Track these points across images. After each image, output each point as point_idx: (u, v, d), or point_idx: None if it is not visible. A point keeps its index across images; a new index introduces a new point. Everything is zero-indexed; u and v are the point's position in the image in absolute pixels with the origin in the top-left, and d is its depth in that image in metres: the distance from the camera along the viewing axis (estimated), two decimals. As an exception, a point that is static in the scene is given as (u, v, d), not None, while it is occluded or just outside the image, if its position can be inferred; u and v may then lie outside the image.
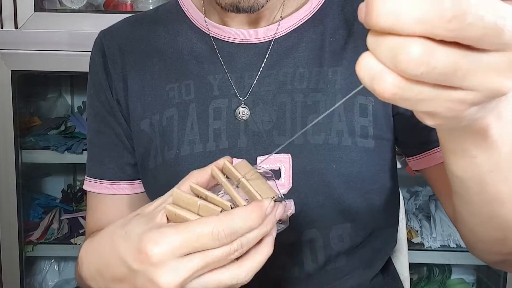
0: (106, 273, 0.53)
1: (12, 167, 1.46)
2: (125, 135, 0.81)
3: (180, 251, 0.47)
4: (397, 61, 0.29)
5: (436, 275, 1.77)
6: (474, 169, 0.46)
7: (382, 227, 0.81)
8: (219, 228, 0.47)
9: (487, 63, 0.30)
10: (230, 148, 0.74)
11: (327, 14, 0.77)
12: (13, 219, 1.48)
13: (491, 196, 0.49)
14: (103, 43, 0.83)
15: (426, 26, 0.28)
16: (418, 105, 0.32)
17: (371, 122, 0.74)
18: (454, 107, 0.32)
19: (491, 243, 0.59)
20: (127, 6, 1.57)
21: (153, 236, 0.47)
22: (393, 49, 0.29)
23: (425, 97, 0.31)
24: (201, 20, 0.79)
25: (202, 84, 0.76)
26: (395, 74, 0.30)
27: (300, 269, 0.75)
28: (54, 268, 1.82)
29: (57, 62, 1.42)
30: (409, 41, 0.29)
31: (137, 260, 0.48)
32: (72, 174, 1.91)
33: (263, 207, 0.49)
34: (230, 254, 0.48)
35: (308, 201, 0.73)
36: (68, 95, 1.90)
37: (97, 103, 0.83)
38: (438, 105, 0.32)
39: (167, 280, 0.47)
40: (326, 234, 0.75)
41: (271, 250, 0.51)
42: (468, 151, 0.44)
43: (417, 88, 0.31)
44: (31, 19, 1.42)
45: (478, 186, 0.48)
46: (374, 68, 0.31)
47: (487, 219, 0.54)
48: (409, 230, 1.65)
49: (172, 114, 0.76)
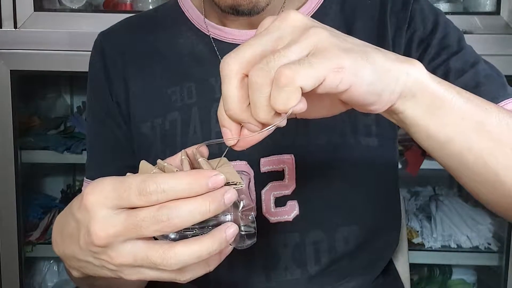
0: (64, 232, 0.50)
1: (11, 167, 1.45)
2: (124, 138, 0.81)
3: (110, 201, 0.43)
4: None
5: (437, 275, 1.76)
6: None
7: (385, 229, 0.81)
8: (146, 182, 0.42)
9: None
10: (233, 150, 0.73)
11: (326, 14, 0.77)
12: (12, 219, 1.47)
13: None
14: (103, 45, 0.82)
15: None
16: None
17: (374, 121, 0.73)
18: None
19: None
20: (126, 5, 1.57)
21: (92, 184, 0.45)
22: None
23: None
24: (200, 21, 0.79)
25: (204, 86, 0.76)
26: None
27: (302, 272, 0.75)
28: (54, 269, 1.81)
29: (56, 62, 1.41)
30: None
31: (79, 209, 0.45)
32: (71, 174, 1.90)
33: (203, 174, 0.42)
34: (157, 221, 0.42)
35: (312, 202, 0.73)
36: (68, 95, 1.90)
37: (96, 106, 0.82)
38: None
39: (97, 229, 0.43)
40: (331, 236, 0.75)
41: (214, 246, 0.43)
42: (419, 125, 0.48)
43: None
44: (31, 18, 1.42)
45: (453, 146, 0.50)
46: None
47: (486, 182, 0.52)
48: (410, 230, 1.65)
49: (175, 118, 0.76)
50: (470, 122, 0.49)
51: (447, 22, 0.75)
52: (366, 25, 0.75)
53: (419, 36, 0.73)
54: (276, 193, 0.74)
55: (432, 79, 0.47)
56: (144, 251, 0.43)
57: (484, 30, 1.41)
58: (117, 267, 0.45)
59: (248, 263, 0.75)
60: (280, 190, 0.74)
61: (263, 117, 0.42)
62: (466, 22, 1.41)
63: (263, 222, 0.74)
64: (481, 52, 0.73)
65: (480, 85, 0.67)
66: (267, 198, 0.74)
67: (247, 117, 0.43)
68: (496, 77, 0.70)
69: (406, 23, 0.74)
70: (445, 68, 0.70)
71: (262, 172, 0.73)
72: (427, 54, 0.72)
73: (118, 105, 0.80)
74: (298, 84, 0.40)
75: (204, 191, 0.42)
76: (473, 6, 1.54)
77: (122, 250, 0.44)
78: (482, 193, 0.54)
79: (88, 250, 0.45)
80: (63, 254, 0.50)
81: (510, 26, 1.41)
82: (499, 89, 0.67)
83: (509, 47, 1.37)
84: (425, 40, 0.73)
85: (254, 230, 0.48)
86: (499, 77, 0.70)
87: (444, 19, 0.75)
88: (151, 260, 0.43)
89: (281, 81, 0.40)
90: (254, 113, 0.42)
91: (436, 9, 0.76)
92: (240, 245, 0.48)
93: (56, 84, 1.86)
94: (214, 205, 0.42)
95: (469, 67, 0.69)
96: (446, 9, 1.54)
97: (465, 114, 0.48)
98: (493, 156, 0.50)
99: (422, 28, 0.73)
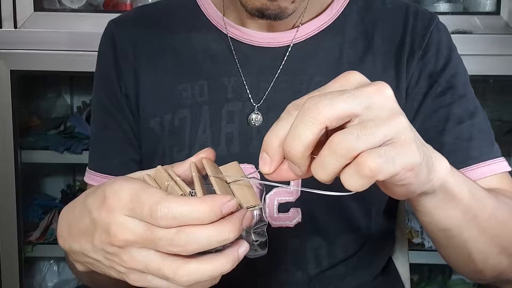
0: (73, 227, 0.49)
1: (11, 167, 1.45)
2: (131, 131, 0.79)
3: (127, 210, 0.43)
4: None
5: (437, 275, 1.76)
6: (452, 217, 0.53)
7: (384, 231, 0.81)
8: (158, 205, 0.41)
9: None
10: (241, 152, 0.73)
11: (346, 23, 0.76)
12: (12, 220, 1.47)
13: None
14: (114, 34, 0.80)
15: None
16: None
17: None
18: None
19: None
20: (126, 5, 1.57)
21: (115, 186, 0.44)
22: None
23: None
24: (218, 19, 0.77)
25: (216, 85, 0.75)
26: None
27: (303, 273, 0.75)
28: (54, 269, 1.81)
29: (56, 62, 1.41)
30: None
31: (99, 208, 0.44)
32: (71, 174, 1.90)
33: (217, 201, 0.41)
34: (174, 244, 0.41)
35: (315, 210, 0.73)
36: (68, 95, 1.90)
37: (103, 96, 0.80)
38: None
39: (117, 232, 0.43)
40: (331, 243, 0.75)
41: (227, 266, 0.43)
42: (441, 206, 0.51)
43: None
44: (31, 18, 1.42)
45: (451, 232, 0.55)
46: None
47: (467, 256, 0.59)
48: (410, 230, 1.65)
49: (185, 115, 0.75)
50: (468, 216, 0.53)
51: (459, 60, 0.76)
52: (386, 40, 0.75)
53: (430, 69, 0.74)
54: (280, 199, 0.74)
55: (452, 175, 0.49)
56: (157, 262, 0.43)
57: (484, 30, 1.41)
58: (126, 269, 0.44)
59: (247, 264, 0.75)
60: (284, 197, 0.74)
61: (324, 179, 0.41)
62: (466, 22, 1.41)
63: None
64: (481, 52, 0.74)
65: (473, 139, 0.71)
66: (271, 203, 0.74)
67: (303, 164, 0.42)
68: (487, 133, 0.73)
69: (421, 50, 0.74)
70: (447, 112, 0.72)
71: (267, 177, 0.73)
72: (433, 89, 0.73)
73: (126, 97, 0.78)
74: (377, 179, 0.39)
75: (218, 218, 0.42)
76: (473, 6, 1.54)
77: (136, 255, 0.43)
78: (450, 261, 0.64)
79: (101, 250, 0.45)
80: (69, 249, 0.50)
81: (510, 26, 1.41)
82: (488, 146, 0.72)
83: (509, 47, 1.37)
84: (434, 75, 0.74)
85: (265, 239, 0.48)
86: (489, 133, 0.74)
87: (457, 56, 0.76)
88: (163, 272, 0.42)
89: (363, 171, 0.39)
90: (317, 169, 0.41)
91: (452, 44, 0.76)
92: (251, 254, 0.48)
93: (56, 84, 1.86)
94: (233, 233, 0.42)
95: (468, 118, 0.72)
96: (446, 9, 1.54)
97: (467, 209, 0.53)
98: (475, 242, 0.57)
99: (434, 62, 0.74)
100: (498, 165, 0.71)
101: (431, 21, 0.75)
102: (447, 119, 0.72)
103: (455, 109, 0.72)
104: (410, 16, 0.75)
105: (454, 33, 1.39)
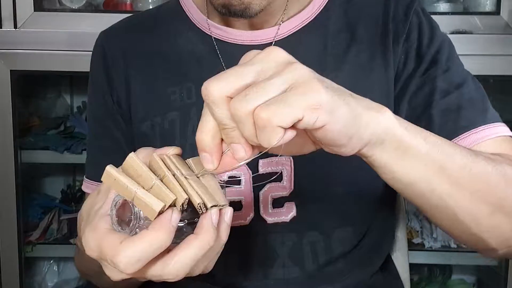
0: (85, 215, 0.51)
1: (11, 167, 1.45)
2: (124, 139, 0.80)
3: (99, 256, 0.46)
4: None
5: (437, 275, 1.76)
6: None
7: (381, 228, 0.82)
8: (116, 257, 0.44)
9: None
10: None
11: (329, 17, 0.77)
12: (12, 220, 1.47)
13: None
14: (104, 45, 0.82)
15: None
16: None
17: None
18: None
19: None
20: (126, 5, 1.57)
21: (85, 235, 0.47)
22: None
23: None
24: (202, 21, 0.79)
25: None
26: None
27: (300, 269, 0.76)
28: (54, 269, 1.81)
29: (56, 62, 1.41)
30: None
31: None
32: (71, 174, 1.90)
33: (164, 220, 0.44)
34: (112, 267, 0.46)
35: (309, 204, 0.73)
36: (68, 95, 1.90)
37: (96, 106, 0.82)
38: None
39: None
40: (327, 237, 0.75)
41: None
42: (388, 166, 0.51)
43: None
44: (31, 18, 1.42)
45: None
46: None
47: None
48: (410, 230, 1.65)
49: (174, 118, 0.76)
50: (432, 167, 0.52)
51: (442, 37, 0.76)
52: (369, 31, 0.75)
53: (414, 49, 0.74)
54: (274, 194, 0.74)
55: (400, 125, 0.49)
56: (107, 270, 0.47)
57: (484, 30, 1.41)
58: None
59: (244, 261, 0.76)
60: (278, 192, 0.74)
61: (253, 146, 0.44)
62: (466, 22, 1.41)
63: (260, 222, 0.75)
64: (481, 52, 0.74)
65: (461, 109, 0.69)
66: (265, 199, 0.74)
67: (214, 148, 0.45)
68: (479, 101, 0.71)
69: (404, 34, 0.75)
70: (432, 86, 0.72)
71: (260, 173, 0.73)
72: (419, 69, 0.73)
73: (119, 105, 0.80)
74: (276, 124, 0.40)
75: (174, 231, 0.44)
76: (473, 6, 1.54)
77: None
78: (443, 227, 0.60)
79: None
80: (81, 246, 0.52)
81: (510, 26, 1.41)
82: (478, 114, 0.69)
83: (509, 47, 1.37)
84: (420, 54, 0.74)
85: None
86: (483, 101, 0.72)
87: (439, 34, 0.76)
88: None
89: (259, 124, 0.41)
90: (244, 142, 0.44)
91: (433, 23, 0.77)
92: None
93: (56, 84, 1.86)
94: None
95: (454, 89, 0.71)
96: (446, 9, 1.54)
97: (428, 160, 0.51)
98: (453, 199, 0.54)
99: (417, 42, 0.74)
100: (493, 130, 0.68)
101: (411, 4, 0.76)
102: (432, 93, 0.71)
103: (439, 82, 0.71)
104: (391, 4, 0.76)
105: (454, 33, 1.39)
